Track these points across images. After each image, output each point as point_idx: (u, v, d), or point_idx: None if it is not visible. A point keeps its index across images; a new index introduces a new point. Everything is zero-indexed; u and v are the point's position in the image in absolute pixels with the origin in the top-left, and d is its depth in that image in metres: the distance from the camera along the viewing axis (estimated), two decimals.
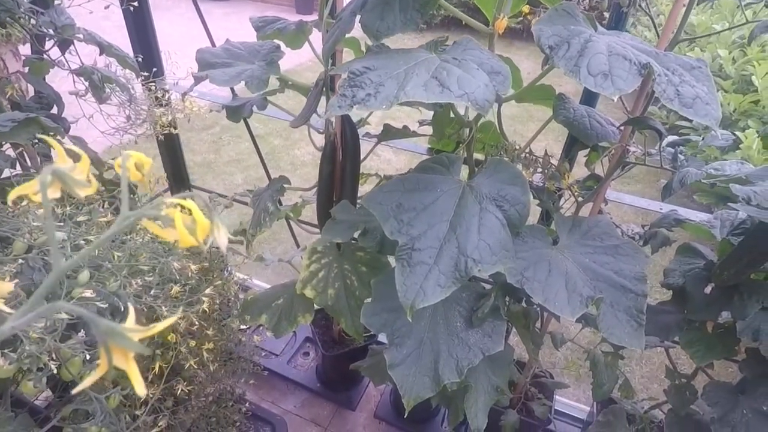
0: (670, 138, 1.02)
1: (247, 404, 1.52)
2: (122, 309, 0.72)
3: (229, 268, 1.48)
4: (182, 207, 0.23)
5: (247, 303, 1.33)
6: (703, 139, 0.85)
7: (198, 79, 0.94)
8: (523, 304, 1.05)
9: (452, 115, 1.10)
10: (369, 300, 0.94)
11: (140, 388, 0.22)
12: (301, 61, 5.47)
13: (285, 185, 1.14)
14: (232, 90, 1.31)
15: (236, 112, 1.09)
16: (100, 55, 1.10)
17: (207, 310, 1.08)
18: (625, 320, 0.83)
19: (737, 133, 2.80)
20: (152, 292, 0.83)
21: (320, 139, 1.26)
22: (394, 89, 0.63)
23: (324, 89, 1.05)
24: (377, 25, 0.75)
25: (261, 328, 2.08)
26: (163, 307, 0.81)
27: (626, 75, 0.64)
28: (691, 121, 3.78)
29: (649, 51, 0.71)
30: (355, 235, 1.05)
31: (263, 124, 4.43)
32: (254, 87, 0.92)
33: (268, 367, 1.89)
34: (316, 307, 1.22)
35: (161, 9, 6.65)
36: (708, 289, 0.96)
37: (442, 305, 0.94)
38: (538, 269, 0.85)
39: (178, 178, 1.83)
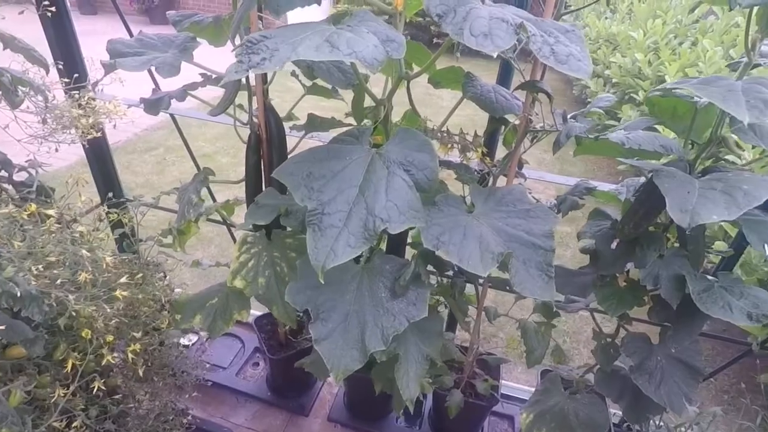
0: (573, 113, 1.10)
1: (189, 416, 1.46)
2: (19, 295, 0.69)
3: (164, 274, 1.44)
4: None
5: (180, 304, 1.29)
6: (590, 101, 0.93)
7: (108, 68, 0.93)
8: (444, 278, 1.08)
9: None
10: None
11: None
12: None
13: (210, 177, 1.13)
14: (156, 84, 1.30)
15: (154, 104, 1.08)
16: (3, 49, 1.07)
17: (125, 307, 1.05)
18: (537, 275, 0.88)
19: (657, 126, 3.03)
20: (59, 282, 0.79)
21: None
22: (288, 52, 0.65)
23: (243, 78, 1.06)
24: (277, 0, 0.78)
25: (205, 343, 2.02)
26: (71, 296, 0.78)
27: (504, 34, 0.70)
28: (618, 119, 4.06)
29: (528, 17, 0.78)
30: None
31: (211, 144, 4.37)
32: (165, 72, 0.92)
33: (215, 381, 1.82)
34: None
35: (98, 34, 6.45)
36: (614, 245, 1.03)
37: (367, 278, 0.96)
38: (453, 234, 0.89)
39: (110, 189, 1.77)
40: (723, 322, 0.88)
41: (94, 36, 1.33)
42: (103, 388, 0.93)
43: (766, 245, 0.91)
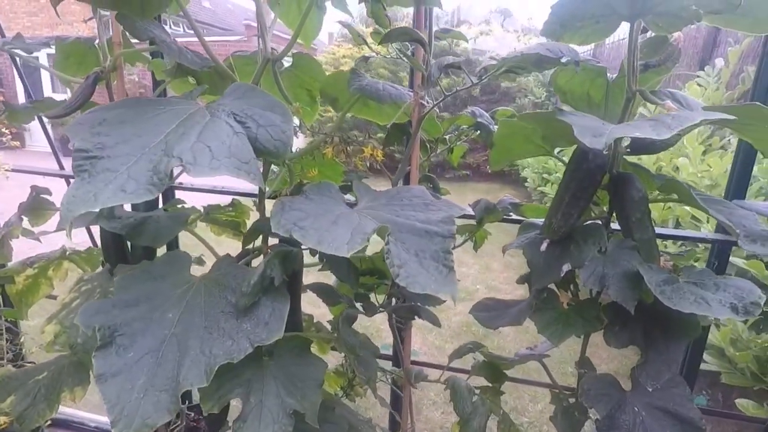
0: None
1: None
2: None
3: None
4: None
5: None
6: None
7: None
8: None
9: None
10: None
11: None
12: None
13: (44, 195, 0.91)
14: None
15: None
16: None
17: None
18: (433, 266, 0.63)
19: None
20: None
21: None
22: None
23: (97, 81, 0.93)
24: None
25: None
26: None
27: None
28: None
29: None
30: None
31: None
32: None
33: None
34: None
35: None
36: (544, 247, 0.80)
37: (205, 292, 0.69)
38: (319, 220, 0.66)
39: None
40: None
41: None
42: None
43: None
